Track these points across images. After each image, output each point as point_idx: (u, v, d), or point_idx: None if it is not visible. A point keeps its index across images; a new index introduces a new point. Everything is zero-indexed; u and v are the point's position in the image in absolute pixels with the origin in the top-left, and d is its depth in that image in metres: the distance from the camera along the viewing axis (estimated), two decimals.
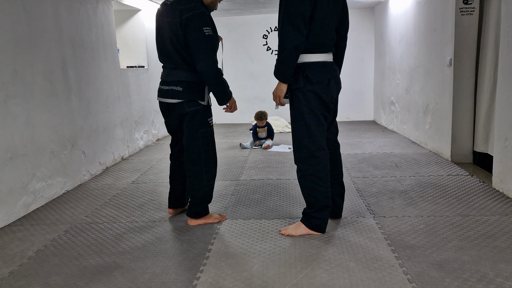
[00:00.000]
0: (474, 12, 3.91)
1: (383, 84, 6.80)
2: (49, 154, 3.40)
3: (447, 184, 3.42)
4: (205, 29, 2.43)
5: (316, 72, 2.37)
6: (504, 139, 3.12)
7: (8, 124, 2.92)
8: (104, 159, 4.38)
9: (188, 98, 2.54)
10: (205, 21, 2.45)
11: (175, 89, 2.55)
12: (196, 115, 2.57)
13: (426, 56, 4.77)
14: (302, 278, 2.00)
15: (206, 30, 2.43)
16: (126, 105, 5.05)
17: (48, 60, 3.43)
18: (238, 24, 7.65)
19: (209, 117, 2.63)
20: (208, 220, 2.76)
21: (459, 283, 1.91)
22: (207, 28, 2.44)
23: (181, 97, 2.55)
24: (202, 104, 2.58)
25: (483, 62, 3.83)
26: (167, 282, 2.03)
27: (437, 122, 4.49)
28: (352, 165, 4.16)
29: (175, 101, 2.57)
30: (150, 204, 3.22)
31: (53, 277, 2.13)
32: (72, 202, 3.36)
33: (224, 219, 2.82)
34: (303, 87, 2.36)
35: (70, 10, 3.83)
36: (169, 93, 2.58)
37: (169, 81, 2.59)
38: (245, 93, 7.86)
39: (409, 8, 5.33)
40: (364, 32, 7.41)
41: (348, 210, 2.89)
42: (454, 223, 2.61)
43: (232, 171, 4.11)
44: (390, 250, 2.26)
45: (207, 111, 2.63)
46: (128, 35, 5.81)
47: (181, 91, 2.54)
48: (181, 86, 2.54)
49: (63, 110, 3.63)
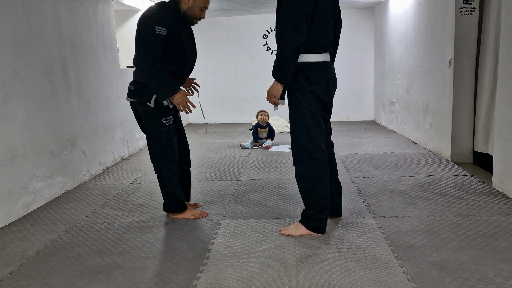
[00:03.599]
0: (474, 12, 3.91)
1: (383, 84, 6.80)
2: (49, 154, 3.40)
3: (447, 184, 3.42)
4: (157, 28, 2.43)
5: (316, 72, 2.36)
6: (504, 139, 3.12)
7: (8, 124, 2.92)
8: (104, 159, 4.38)
9: (137, 98, 2.62)
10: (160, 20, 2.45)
11: (130, 88, 2.66)
12: (148, 115, 2.62)
13: (426, 56, 4.77)
14: (302, 278, 2.00)
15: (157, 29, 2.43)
16: (126, 105, 5.05)
17: (48, 60, 3.43)
18: (238, 24, 7.65)
19: (163, 116, 2.62)
20: (185, 215, 2.85)
21: (459, 283, 1.91)
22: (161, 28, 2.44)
23: (132, 96, 2.65)
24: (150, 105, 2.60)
25: (483, 62, 3.83)
26: (167, 282, 2.03)
27: (437, 122, 4.49)
28: (352, 165, 4.16)
29: (129, 100, 2.67)
30: (150, 204, 3.22)
31: (53, 277, 2.13)
32: (72, 202, 3.36)
33: (204, 215, 2.87)
34: (303, 87, 2.35)
35: (70, 10, 3.83)
36: (128, 92, 2.68)
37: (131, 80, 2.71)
38: (245, 93, 7.87)
39: (409, 8, 5.33)
40: (364, 32, 7.41)
41: (348, 210, 2.89)
42: (454, 223, 2.61)
43: (232, 171, 4.11)
44: (390, 250, 2.26)
45: (162, 110, 2.62)
46: (128, 35, 5.81)
47: (133, 90, 2.64)
48: (133, 85, 2.64)
49: (63, 110, 3.63)
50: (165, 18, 2.48)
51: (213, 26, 7.66)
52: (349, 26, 7.34)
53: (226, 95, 7.93)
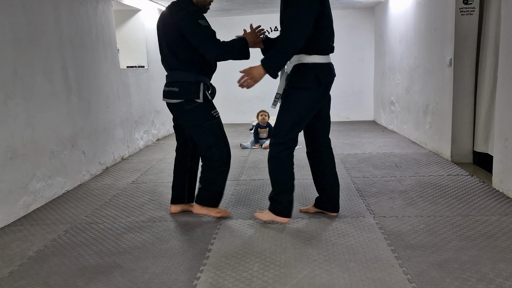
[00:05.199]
0: (474, 12, 3.91)
1: (383, 84, 6.80)
2: (49, 154, 3.40)
3: (447, 184, 3.42)
4: (200, 21, 2.54)
5: (325, 74, 2.50)
6: (504, 139, 3.12)
7: (8, 124, 2.92)
8: (104, 159, 4.38)
9: (184, 98, 2.65)
10: (198, 15, 2.57)
11: (172, 90, 2.68)
12: (198, 110, 2.67)
13: (426, 56, 4.77)
14: (302, 278, 2.00)
15: (201, 22, 2.54)
16: (126, 105, 5.05)
17: (48, 60, 3.43)
18: (238, 24, 7.63)
19: (212, 109, 2.71)
20: (211, 212, 2.83)
21: (459, 283, 1.91)
22: (202, 20, 2.56)
23: (178, 97, 2.67)
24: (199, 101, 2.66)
25: (483, 62, 3.83)
26: (167, 282, 2.03)
27: (437, 122, 4.49)
28: (352, 165, 4.16)
29: (174, 101, 2.69)
30: (150, 204, 3.22)
31: (53, 277, 2.13)
32: (72, 202, 3.36)
33: (227, 214, 2.86)
34: (312, 87, 2.47)
35: (70, 10, 3.83)
36: (168, 94, 2.71)
37: (168, 83, 2.74)
38: (245, 93, 7.84)
39: (409, 8, 5.33)
40: (364, 32, 7.41)
41: (348, 210, 2.89)
42: (454, 223, 2.61)
43: (232, 171, 4.11)
44: (390, 250, 2.26)
45: (209, 104, 2.71)
46: (128, 35, 5.81)
47: (177, 91, 2.66)
48: (177, 86, 2.67)
49: (63, 110, 3.63)
50: (196, 11, 2.58)
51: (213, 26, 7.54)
52: (349, 26, 7.34)
53: (226, 95, 7.93)
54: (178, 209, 2.96)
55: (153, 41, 6.06)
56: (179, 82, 2.66)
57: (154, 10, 6.14)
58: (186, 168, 2.92)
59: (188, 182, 2.93)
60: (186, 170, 2.92)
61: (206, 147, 2.73)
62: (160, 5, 6.19)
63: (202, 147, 2.75)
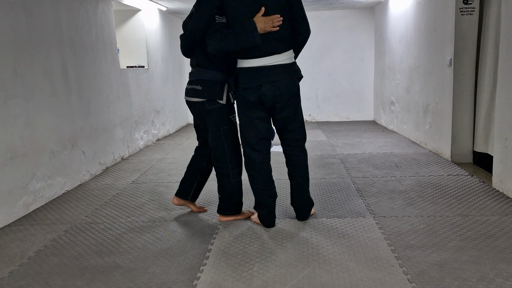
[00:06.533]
0: (474, 12, 3.91)
1: (383, 84, 6.80)
2: (49, 154, 3.40)
3: (447, 184, 3.42)
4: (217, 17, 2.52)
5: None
6: (504, 139, 3.12)
7: (8, 124, 2.92)
8: (104, 159, 4.38)
9: (207, 97, 2.58)
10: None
11: (195, 88, 2.61)
12: (218, 112, 2.61)
13: (426, 56, 4.77)
14: (302, 278, 2.00)
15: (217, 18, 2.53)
16: (126, 105, 5.05)
17: (48, 60, 3.43)
18: None
19: (231, 114, 2.66)
20: (237, 216, 2.81)
21: (459, 283, 1.91)
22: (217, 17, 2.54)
23: (200, 96, 2.60)
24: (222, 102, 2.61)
25: (483, 62, 3.83)
26: (167, 282, 2.03)
27: (437, 122, 4.49)
28: (352, 165, 4.17)
29: (196, 99, 2.62)
30: (150, 204, 3.22)
31: (53, 277, 2.13)
32: (72, 202, 3.36)
33: (252, 214, 2.84)
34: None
35: (70, 10, 3.83)
36: (191, 92, 2.65)
37: (191, 80, 2.67)
38: None
39: (409, 8, 5.33)
40: (364, 32, 7.41)
41: (348, 210, 2.89)
42: (454, 223, 2.61)
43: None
44: (390, 250, 2.26)
45: (229, 108, 2.65)
46: (128, 35, 5.80)
47: (201, 90, 2.59)
48: (201, 85, 2.59)
49: (63, 110, 3.63)
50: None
51: None
52: (349, 26, 7.35)
53: None
54: (181, 202, 2.94)
55: (153, 41, 6.06)
56: (204, 80, 2.59)
57: (154, 10, 6.14)
58: (200, 167, 2.87)
59: (198, 181, 2.89)
60: (200, 170, 2.87)
61: (219, 154, 2.66)
62: (160, 5, 6.18)
63: (215, 154, 2.69)
